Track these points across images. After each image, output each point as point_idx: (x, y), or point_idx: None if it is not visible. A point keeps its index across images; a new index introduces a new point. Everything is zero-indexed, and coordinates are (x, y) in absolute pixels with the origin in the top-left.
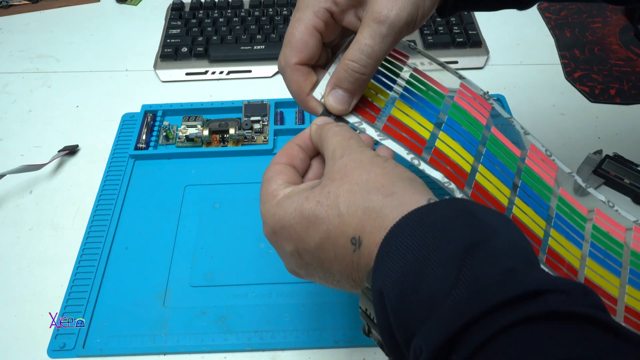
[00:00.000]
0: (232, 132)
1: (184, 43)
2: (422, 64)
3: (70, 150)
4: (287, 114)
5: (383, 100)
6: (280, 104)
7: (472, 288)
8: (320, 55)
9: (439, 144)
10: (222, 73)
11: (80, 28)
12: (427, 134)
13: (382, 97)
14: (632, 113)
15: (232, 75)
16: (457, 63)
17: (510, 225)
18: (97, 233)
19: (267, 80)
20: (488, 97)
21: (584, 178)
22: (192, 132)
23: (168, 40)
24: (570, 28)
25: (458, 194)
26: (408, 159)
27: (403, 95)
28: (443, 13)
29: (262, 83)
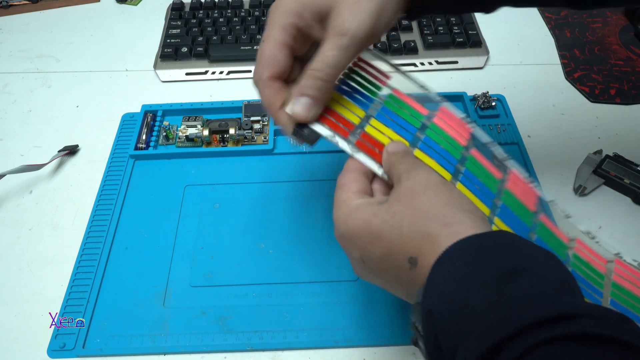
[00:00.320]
0: (232, 132)
1: (184, 43)
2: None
3: (70, 150)
4: None
5: (358, 118)
6: None
7: (510, 308)
8: (293, 70)
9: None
10: (222, 73)
11: (80, 28)
12: (405, 144)
13: (357, 114)
14: (632, 113)
15: (232, 75)
16: (457, 63)
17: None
18: (97, 233)
19: None
20: (468, 120)
21: (584, 178)
22: (192, 132)
23: (168, 40)
24: (570, 28)
25: None
26: (379, 174)
27: (379, 114)
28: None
29: None
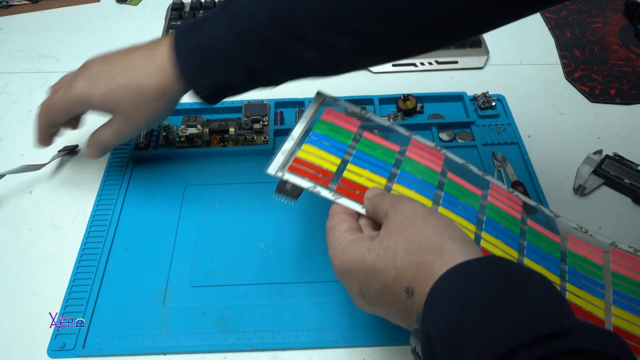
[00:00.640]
0: (232, 132)
1: None
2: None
3: (70, 150)
4: (287, 114)
5: (335, 165)
6: (280, 104)
7: (505, 328)
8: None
9: (395, 194)
10: None
11: (80, 28)
12: (381, 187)
13: (333, 162)
14: (632, 113)
15: None
16: (457, 63)
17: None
18: (97, 233)
19: None
20: (440, 148)
21: (584, 178)
22: (192, 132)
23: None
24: (570, 28)
25: None
26: (363, 213)
27: (355, 159)
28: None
29: None
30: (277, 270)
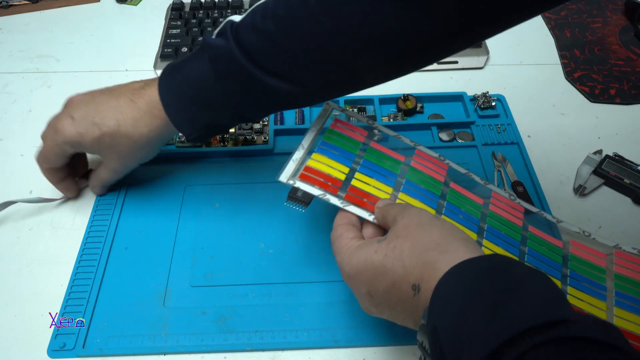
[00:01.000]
0: (232, 132)
1: (184, 43)
2: (378, 134)
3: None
4: (287, 114)
5: (343, 174)
6: None
7: (507, 318)
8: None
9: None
10: None
11: (80, 28)
12: (387, 197)
13: (342, 171)
14: (632, 113)
15: None
16: (457, 63)
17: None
18: (97, 233)
19: None
20: (443, 158)
21: (584, 178)
22: None
23: (168, 40)
24: (570, 28)
25: None
26: (370, 220)
27: (362, 168)
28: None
29: None
30: (277, 270)
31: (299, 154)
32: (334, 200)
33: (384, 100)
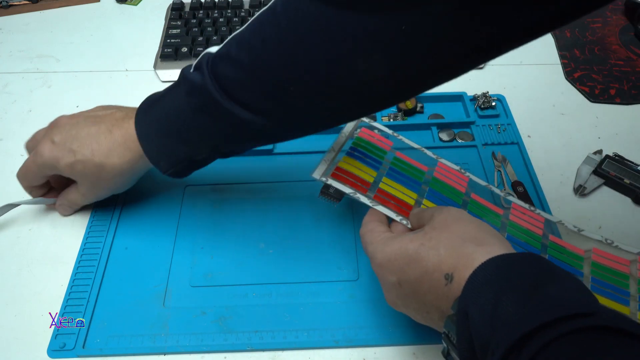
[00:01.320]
0: None
1: (184, 43)
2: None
3: None
4: None
5: (372, 177)
6: None
7: (538, 308)
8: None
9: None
10: None
11: (80, 28)
12: (412, 201)
13: (370, 174)
14: (632, 113)
15: None
16: None
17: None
18: (97, 233)
19: None
20: (463, 171)
21: (584, 178)
22: None
23: (168, 40)
24: (570, 28)
25: None
26: (397, 220)
27: (389, 173)
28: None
29: None
30: (277, 270)
31: (330, 155)
32: (364, 199)
33: None
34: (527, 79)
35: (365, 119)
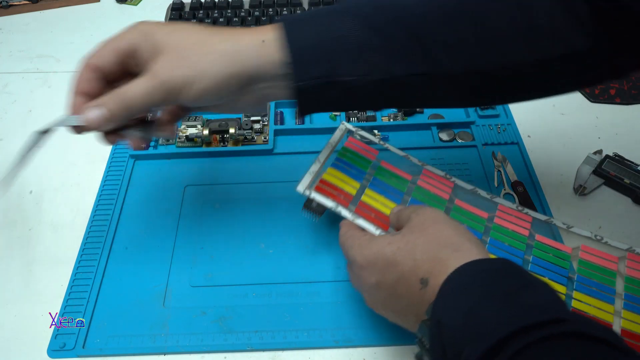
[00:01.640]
0: (232, 132)
1: None
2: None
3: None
4: (287, 114)
5: (354, 189)
6: (280, 104)
7: (512, 314)
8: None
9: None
10: None
11: (80, 28)
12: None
13: (353, 186)
14: (632, 113)
15: None
16: None
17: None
18: (97, 233)
19: None
20: (449, 176)
21: (584, 178)
22: (192, 132)
23: None
24: None
25: None
26: (377, 234)
27: (372, 184)
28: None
29: None
30: (277, 270)
31: (315, 167)
32: (345, 214)
33: None
34: None
35: (352, 127)
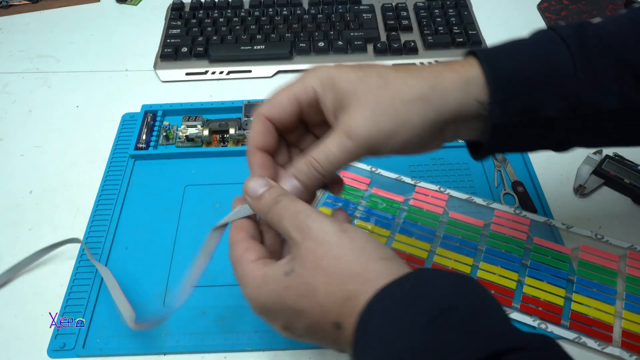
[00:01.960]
0: (232, 132)
1: (184, 43)
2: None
3: None
4: None
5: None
6: None
7: (443, 352)
8: (281, 151)
9: (396, 245)
10: (222, 73)
11: (80, 28)
12: (384, 240)
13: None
14: None
15: (232, 75)
16: None
17: (471, 282)
18: (97, 233)
19: (267, 80)
20: (443, 189)
21: (584, 178)
22: (192, 132)
23: (168, 40)
24: None
25: None
26: None
27: (363, 215)
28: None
29: (262, 83)
30: None
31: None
32: None
33: None
34: None
35: None
